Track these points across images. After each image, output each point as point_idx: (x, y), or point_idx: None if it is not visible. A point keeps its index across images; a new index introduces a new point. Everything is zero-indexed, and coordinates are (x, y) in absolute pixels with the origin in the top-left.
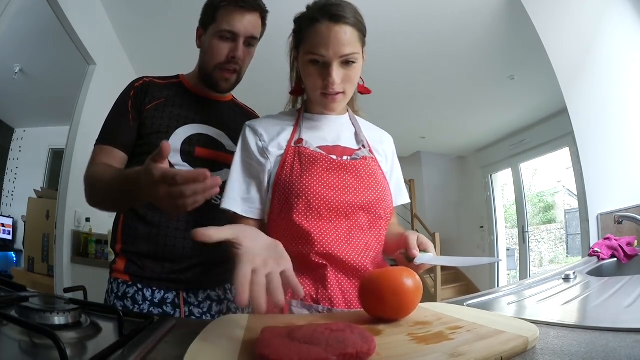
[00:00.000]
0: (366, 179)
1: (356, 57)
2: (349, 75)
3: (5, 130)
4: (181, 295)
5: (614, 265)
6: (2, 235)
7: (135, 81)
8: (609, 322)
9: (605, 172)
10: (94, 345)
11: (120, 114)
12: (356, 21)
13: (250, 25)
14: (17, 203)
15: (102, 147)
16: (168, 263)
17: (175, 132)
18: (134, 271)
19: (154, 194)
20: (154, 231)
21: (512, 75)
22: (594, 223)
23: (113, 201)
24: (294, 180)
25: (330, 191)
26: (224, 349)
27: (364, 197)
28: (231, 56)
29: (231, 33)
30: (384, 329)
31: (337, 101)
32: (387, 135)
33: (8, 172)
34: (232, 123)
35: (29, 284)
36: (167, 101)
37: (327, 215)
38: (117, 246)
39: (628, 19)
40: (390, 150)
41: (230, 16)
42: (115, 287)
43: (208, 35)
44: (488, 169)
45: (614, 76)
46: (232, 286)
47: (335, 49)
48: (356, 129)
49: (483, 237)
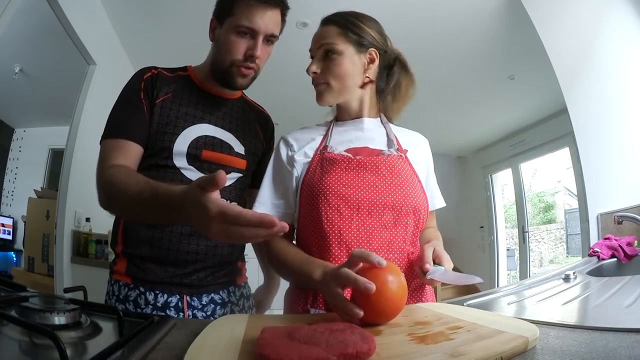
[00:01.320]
0: (389, 176)
1: (335, 49)
2: (328, 66)
3: (5, 130)
4: (185, 298)
5: (614, 265)
6: (2, 235)
7: (143, 72)
8: (609, 322)
9: (605, 172)
10: (94, 345)
11: (133, 104)
12: (341, 21)
13: (271, 22)
14: (17, 203)
15: (115, 142)
16: (171, 267)
17: (182, 134)
18: (136, 273)
19: (204, 226)
20: (157, 235)
21: (512, 75)
22: (594, 223)
23: (138, 215)
24: (315, 181)
25: (350, 189)
26: (224, 349)
27: (387, 194)
28: (249, 54)
29: (250, 30)
30: (384, 329)
31: (321, 89)
32: (422, 139)
33: (8, 172)
34: (241, 123)
35: (29, 284)
36: (174, 97)
37: (348, 213)
38: (117, 247)
39: (628, 19)
40: (425, 153)
41: (251, 11)
42: (116, 290)
43: (224, 29)
44: (488, 169)
45: (614, 76)
46: (235, 288)
47: (315, 43)
48: (387, 131)
49: (483, 237)
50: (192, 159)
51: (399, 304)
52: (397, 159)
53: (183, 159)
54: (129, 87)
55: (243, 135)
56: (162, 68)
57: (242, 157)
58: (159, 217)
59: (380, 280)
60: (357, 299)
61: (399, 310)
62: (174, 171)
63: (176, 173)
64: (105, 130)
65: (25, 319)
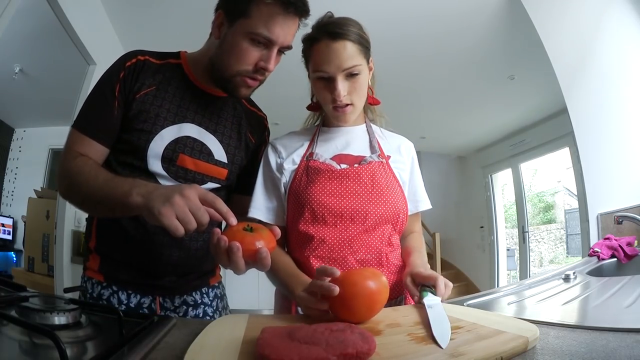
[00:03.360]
0: (369, 184)
1: (359, 69)
2: (354, 87)
3: (5, 130)
4: (157, 300)
5: (614, 265)
6: (2, 235)
7: (125, 58)
8: (609, 322)
9: (605, 172)
10: (94, 345)
11: (105, 99)
12: (356, 35)
13: (290, 32)
14: (17, 203)
15: (80, 136)
16: (143, 272)
17: (160, 133)
18: (109, 271)
19: (167, 194)
20: (130, 241)
21: (512, 75)
22: (594, 223)
23: (97, 207)
24: (301, 191)
25: (332, 198)
26: (224, 349)
27: (368, 202)
28: (260, 66)
29: (267, 40)
30: (384, 329)
31: (347, 112)
32: (405, 142)
33: (8, 172)
34: (229, 125)
35: (29, 284)
36: (158, 90)
37: (331, 220)
38: (91, 242)
39: (628, 19)
40: (409, 155)
41: (271, 18)
42: (89, 287)
43: (235, 30)
44: (488, 169)
45: (614, 76)
46: (208, 289)
47: (336, 64)
48: (370, 137)
49: (483, 237)
50: (167, 163)
51: (374, 304)
52: (378, 165)
53: (158, 162)
54: (106, 78)
55: (228, 140)
56: (150, 53)
57: (223, 165)
58: (117, 197)
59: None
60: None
61: (374, 310)
62: (147, 177)
63: (149, 179)
64: (77, 117)
65: (25, 319)
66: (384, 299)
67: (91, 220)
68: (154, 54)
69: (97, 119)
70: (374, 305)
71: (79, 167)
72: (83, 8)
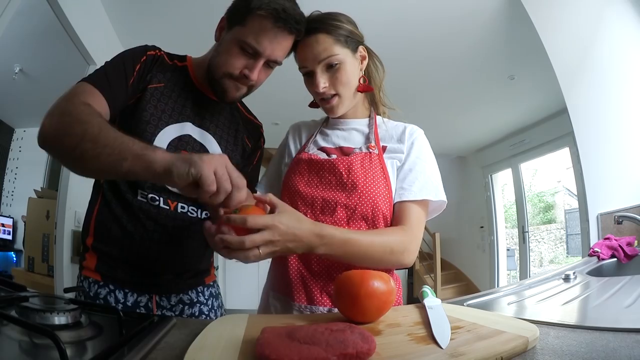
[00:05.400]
0: (344, 176)
1: (339, 59)
2: (335, 77)
3: (5, 130)
4: (154, 298)
5: (614, 265)
6: (2, 235)
7: (147, 47)
8: (609, 322)
9: (605, 172)
10: (94, 345)
11: (123, 69)
12: (332, 27)
13: (279, 48)
14: (17, 203)
15: (89, 87)
16: (140, 270)
17: (164, 129)
18: (106, 270)
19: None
20: (127, 238)
21: (512, 75)
22: (594, 223)
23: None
24: (285, 178)
25: (306, 188)
26: (224, 349)
27: (335, 192)
28: (244, 73)
29: (254, 50)
30: (384, 329)
31: (334, 104)
32: (409, 128)
33: (8, 172)
34: (226, 129)
35: (29, 284)
36: (165, 88)
37: (304, 210)
38: (88, 239)
39: (627, 19)
40: (409, 141)
41: (262, 31)
42: (86, 287)
43: (231, 35)
44: (488, 169)
45: (613, 76)
46: (204, 288)
47: (311, 57)
48: (369, 129)
49: (483, 237)
50: None
51: (384, 305)
52: (363, 157)
53: None
54: (128, 55)
55: (226, 143)
56: (165, 52)
57: None
58: (135, 149)
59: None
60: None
61: (383, 311)
62: None
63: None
64: (89, 75)
65: (25, 319)
66: (392, 300)
67: (89, 217)
68: (167, 54)
69: (112, 81)
70: (384, 306)
71: (84, 109)
72: (83, 8)
